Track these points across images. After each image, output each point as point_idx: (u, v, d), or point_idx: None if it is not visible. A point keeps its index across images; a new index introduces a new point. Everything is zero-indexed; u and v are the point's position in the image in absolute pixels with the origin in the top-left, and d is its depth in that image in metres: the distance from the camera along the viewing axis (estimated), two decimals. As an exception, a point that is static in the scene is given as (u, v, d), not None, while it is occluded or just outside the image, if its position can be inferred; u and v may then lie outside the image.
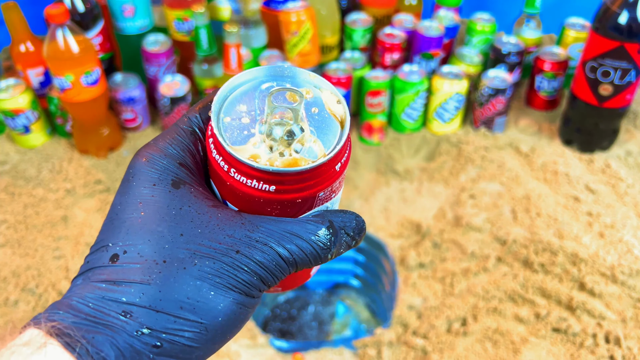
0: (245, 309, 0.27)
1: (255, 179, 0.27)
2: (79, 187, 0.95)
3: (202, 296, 0.25)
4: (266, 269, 0.26)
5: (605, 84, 0.92)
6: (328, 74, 1.00)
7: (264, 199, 0.27)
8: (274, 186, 0.27)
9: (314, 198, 0.28)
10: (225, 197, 0.29)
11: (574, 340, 0.74)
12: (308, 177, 0.27)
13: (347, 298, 1.12)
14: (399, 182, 1.06)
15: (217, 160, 0.28)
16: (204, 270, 0.26)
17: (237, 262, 0.26)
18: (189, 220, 0.27)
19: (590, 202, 0.93)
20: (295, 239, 0.27)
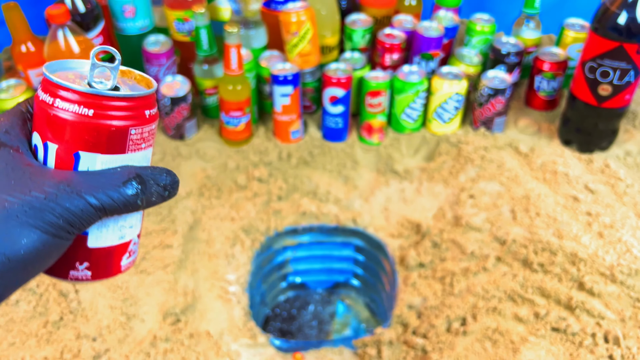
0: (50, 247, 0.31)
1: (76, 103, 0.32)
2: (79, 187, 0.95)
3: (7, 231, 0.29)
4: (73, 214, 0.31)
5: (604, 84, 0.92)
6: (328, 74, 1.01)
7: (83, 126, 0.32)
8: (92, 110, 0.32)
9: (126, 134, 0.34)
10: (48, 136, 0.33)
11: (573, 339, 0.75)
12: (121, 106, 0.33)
13: (347, 298, 1.12)
14: (399, 182, 1.06)
15: (42, 98, 0.33)
16: (12, 210, 0.30)
17: (45, 206, 0.30)
18: (4, 174, 0.31)
19: (590, 202, 0.93)
20: (103, 186, 0.32)
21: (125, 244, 0.37)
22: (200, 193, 0.99)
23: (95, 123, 0.32)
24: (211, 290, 0.86)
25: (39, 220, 0.30)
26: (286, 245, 1.03)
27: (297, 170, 1.05)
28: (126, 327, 0.77)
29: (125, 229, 0.36)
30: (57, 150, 0.33)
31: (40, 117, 0.34)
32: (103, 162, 0.34)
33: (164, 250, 0.88)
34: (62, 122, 0.32)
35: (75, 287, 0.80)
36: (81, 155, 0.33)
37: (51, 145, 0.33)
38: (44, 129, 0.33)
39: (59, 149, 0.33)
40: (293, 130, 1.07)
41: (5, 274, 0.30)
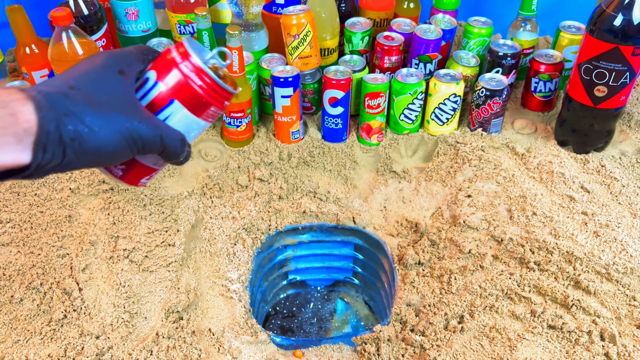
0: (121, 153, 0.44)
1: (198, 76, 0.48)
2: (83, 187, 0.96)
3: (109, 132, 0.42)
4: (149, 141, 0.45)
5: (600, 86, 0.93)
6: (328, 76, 1.02)
7: (192, 89, 0.48)
8: (205, 85, 0.47)
9: (209, 107, 0.49)
10: (162, 79, 0.48)
11: (569, 337, 0.76)
12: (219, 92, 0.49)
13: (347, 295, 1.13)
14: (398, 182, 1.07)
15: (173, 56, 0.48)
16: (117, 119, 0.43)
17: (137, 127, 0.44)
18: (121, 95, 0.45)
19: (586, 201, 0.95)
20: (171, 133, 0.47)
21: (154, 169, 0.53)
22: (202, 193, 1.01)
23: (200, 93, 0.48)
24: (213, 288, 0.87)
25: (129, 134, 0.44)
26: (287, 244, 1.04)
27: (298, 170, 1.07)
28: (129, 325, 0.78)
29: (160, 162, 0.52)
30: (161, 90, 0.48)
31: (165, 65, 0.48)
32: (183, 115, 0.48)
33: (167, 249, 0.89)
34: (180, 77, 0.47)
35: (79, 286, 0.81)
36: (174, 102, 0.48)
37: (160, 85, 0.48)
38: (163, 73, 0.48)
39: (164, 91, 0.48)
40: (293, 131, 1.08)
41: (89, 157, 0.42)
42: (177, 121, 0.48)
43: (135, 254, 0.87)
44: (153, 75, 0.48)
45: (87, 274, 0.83)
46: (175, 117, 0.48)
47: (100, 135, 0.42)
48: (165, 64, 0.48)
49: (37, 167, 0.39)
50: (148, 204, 0.95)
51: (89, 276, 0.83)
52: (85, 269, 0.84)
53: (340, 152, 1.09)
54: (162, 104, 0.48)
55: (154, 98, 0.48)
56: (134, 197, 0.96)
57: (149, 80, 0.48)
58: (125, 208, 0.94)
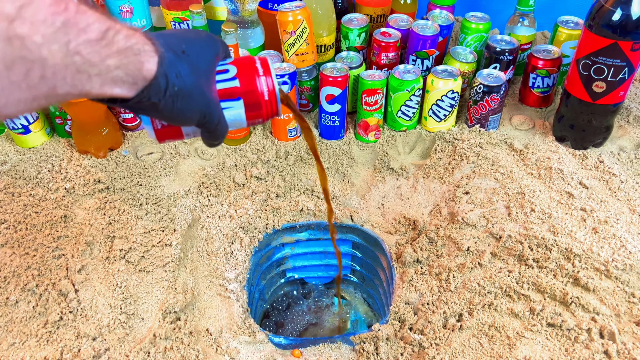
0: (194, 117, 0.51)
1: (268, 88, 0.56)
2: (78, 187, 0.95)
3: (193, 91, 0.50)
4: (212, 117, 0.52)
5: (598, 81, 0.93)
6: (324, 73, 1.01)
7: (259, 95, 0.55)
8: (269, 97, 0.56)
9: (258, 118, 0.57)
10: (240, 77, 0.55)
11: (568, 335, 0.75)
12: (275, 110, 0.57)
13: (345, 292, 1.13)
14: (395, 179, 1.07)
15: (258, 65, 0.56)
16: (201, 83, 0.51)
17: (210, 100, 0.52)
18: (211, 70, 0.53)
19: (584, 197, 0.94)
20: (224, 121, 0.55)
21: (182, 137, 0.58)
22: (199, 191, 1.00)
23: (262, 105, 0.55)
24: (210, 288, 0.87)
25: (205, 108, 0.51)
26: (284, 242, 1.03)
27: (295, 168, 1.06)
28: (126, 326, 0.77)
29: (192, 135, 0.58)
30: (236, 86, 0.54)
31: (247, 68, 0.55)
32: (239, 113, 0.55)
33: (163, 249, 0.88)
34: (255, 85, 0.55)
35: (75, 287, 0.81)
36: (240, 100, 0.55)
37: (237, 82, 0.55)
38: (243, 74, 0.55)
39: (238, 87, 0.54)
40: (290, 129, 1.07)
41: (173, 112, 0.49)
42: (231, 115, 0.55)
43: (131, 254, 0.86)
44: (233, 70, 0.55)
45: (83, 275, 0.82)
46: (232, 111, 0.55)
47: (190, 100, 0.49)
48: (248, 67, 0.55)
49: (135, 103, 0.46)
50: (144, 204, 0.94)
51: (85, 277, 0.82)
52: (81, 270, 0.83)
53: (337, 150, 1.09)
54: (230, 97, 0.55)
55: (227, 89, 0.54)
56: (130, 196, 0.95)
57: (228, 72, 0.55)
58: (121, 208, 0.93)
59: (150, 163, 1.02)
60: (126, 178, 0.98)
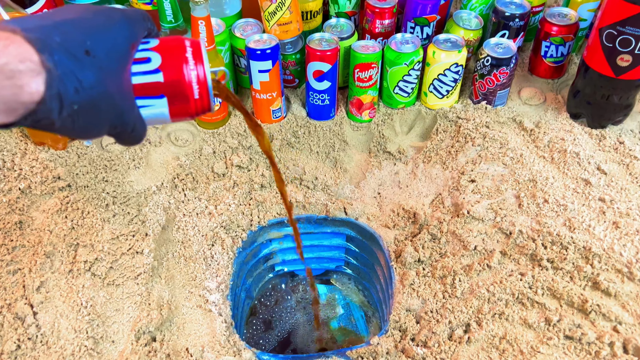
0: (99, 133, 0.41)
1: (199, 82, 0.44)
2: (35, 186, 0.84)
3: (98, 110, 0.39)
4: (124, 126, 0.42)
5: (624, 54, 0.81)
6: (311, 47, 0.89)
7: (183, 85, 0.44)
8: (199, 98, 0.45)
9: (185, 116, 0.46)
10: (163, 61, 0.44)
11: (588, 349, 0.68)
12: (207, 108, 0.46)
13: (337, 282, 1.05)
14: (392, 164, 0.96)
15: (188, 45, 0.45)
16: (112, 95, 0.40)
17: (122, 111, 0.42)
18: (126, 70, 0.42)
19: (603, 185, 0.85)
20: (141, 125, 0.44)
21: None
22: (173, 185, 0.89)
23: (192, 105, 0.45)
24: (189, 299, 0.78)
25: (116, 121, 0.41)
26: (271, 238, 0.94)
27: (281, 154, 0.95)
28: (94, 354, 0.69)
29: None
30: (159, 81, 0.43)
31: (174, 59, 0.44)
32: (161, 112, 0.45)
33: (134, 258, 0.79)
34: (184, 82, 0.44)
35: (33, 309, 0.71)
36: (163, 99, 0.44)
37: (160, 76, 0.43)
38: (169, 66, 0.43)
39: (161, 83, 0.43)
40: (274, 109, 0.95)
41: (71, 132, 0.39)
42: (151, 113, 0.45)
43: (98, 265, 0.76)
44: (157, 59, 0.44)
45: (42, 294, 0.73)
46: (152, 110, 0.45)
47: (96, 115, 0.39)
48: (174, 56, 0.44)
49: (20, 124, 0.36)
50: (111, 204, 0.84)
51: (45, 296, 0.72)
52: (41, 287, 0.73)
53: (328, 131, 0.97)
54: (151, 94, 0.44)
55: (147, 84, 0.43)
56: (95, 195, 0.85)
57: (150, 62, 0.44)
58: (85, 209, 0.82)
59: (116, 154, 0.91)
60: (90, 173, 0.87)
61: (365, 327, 0.99)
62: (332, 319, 1.01)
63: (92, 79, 0.37)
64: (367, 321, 1.00)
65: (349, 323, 0.99)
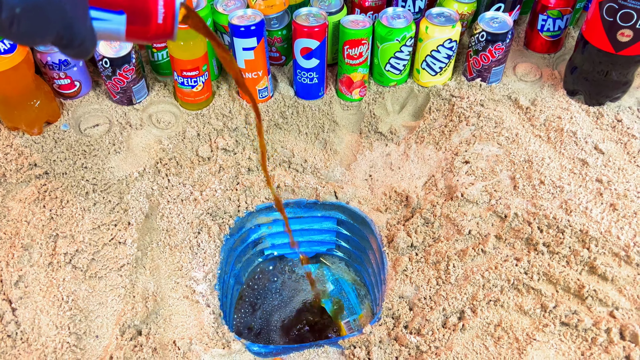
0: (44, 40, 0.38)
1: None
2: (10, 173, 0.80)
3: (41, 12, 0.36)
4: (72, 39, 0.39)
5: (625, 29, 0.78)
6: (299, 23, 0.84)
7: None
8: (163, 21, 0.42)
9: (143, 39, 0.43)
10: None
11: (585, 335, 0.67)
12: (169, 34, 0.43)
13: (327, 261, 1.02)
14: (384, 145, 0.93)
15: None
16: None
17: (72, 20, 0.38)
18: None
19: (600, 165, 0.83)
20: (91, 40, 0.41)
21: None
22: (156, 170, 0.86)
23: (153, 27, 0.42)
24: (175, 290, 0.75)
25: (63, 31, 0.38)
26: (260, 223, 0.91)
27: (268, 136, 0.92)
28: (76, 350, 0.66)
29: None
30: None
31: None
32: (117, 30, 0.42)
33: (117, 248, 0.75)
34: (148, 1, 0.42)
35: (12, 305, 0.68)
36: (122, 16, 0.41)
37: None
38: None
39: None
40: (260, 89, 0.91)
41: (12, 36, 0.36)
42: (105, 28, 0.41)
43: (79, 257, 0.73)
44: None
45: (21, 289, 0.70)
46: (107, 25, 0.41)
47: (41, 21, 0.36)
48: None
49: None
50: (91, 192, 0.80)
51: (24, 291, 0.70)
52: (19, 282, 0.70)
53: (317, 111, 0.94)
54: (109, 7, 0.40)
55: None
56: (74, 182, 0.81)
57: None
58: (64, 198, 0.79)
59: (96, 138, 0.87)
60: (68, 159, 0.83)
61: (356, 300, 0.97)
62: (323, 295, 0.99)
63: None
64: (358, 295, 0.98)
65: (341, 297, 0.98)
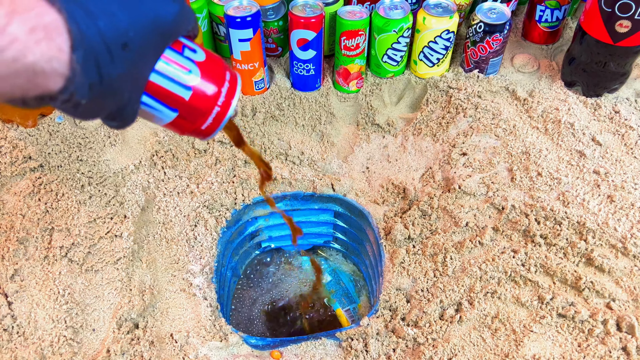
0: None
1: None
2: (4, 167, 0.80)
3: (126, 86, 0.36)
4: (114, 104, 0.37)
5: (623, 19, 0.77)
6: (295, 14, 0.83)
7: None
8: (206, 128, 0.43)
9: (178, 130, 0.44)
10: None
11: (582, 327, 0.67)
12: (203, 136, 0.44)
13: (325, 253, 1.02)
14: (381, 137, 0.93)
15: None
16: (138, 76, 0.37)
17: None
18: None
19: (597, 157, 0.82)
20: (136, 111, 0.40)
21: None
22: (151, 163, 0.85)
23: (199, 128, 0.43)
24: (172, 283, 0.75)
25: (112, 108, 0.37)
26: (257, 216, 0.91)
27: (265, 128, 0.91)
28: (73, 343, 0.66)
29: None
30: (183, 95, 0.40)
31: (210, 81, 0.41)
32: (161, 117, 0.41)
33: (113, 241, 0.75)
34: (209, 110, 0.42)
35: (7, 299, 0.68)
36: (177, 112, 0.41)
37: (184, 92, 0.40)
38: (202, 88, 0.41)
39: (182, 99, 0.40)
40: (256, 81, 0.91)
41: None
42: (151, 114, 0.41)
43: (75, 250, 0.73)
44: (195, 78, 0.40)
45: (17, 282, 0.69)
46: (154, 113, 0.41)
47: (93, 110, 0.36)
48: (210, 86, 0.41)
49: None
50: (86, 185, 0.79)
51: (20, 285, 0.69)
52: (15, 276, 0.70)
53: (314, 103, 0.93)
54: (167, 103, 0.40)
55: (171, 94, 0.40)
56: (69, 175, 0.80)
57: (190, 74, 0.40)
58: (60, 191, 0.78)
59: (91, 130, 0.86)
60: (63, 152, 0.82)
61: (354, 292, 0.97)
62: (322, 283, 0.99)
63: (115, 76, 0.34)
64: (355, 286, 0.98)
65: (339, 287, 0.98)
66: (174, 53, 0.39)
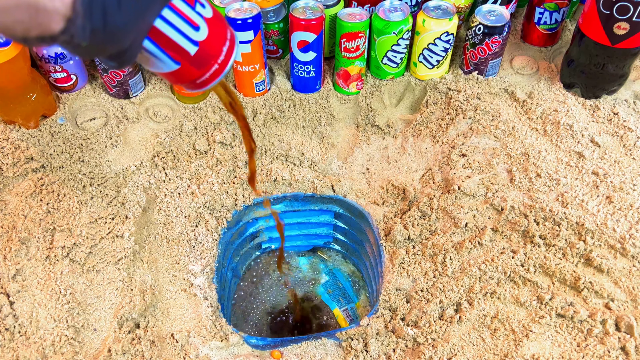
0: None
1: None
2: (7, 167, 0.80)
3: (129, 25, 0.36)
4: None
5: (621, 21, 0.78)
6: (295, 16, 0.84)
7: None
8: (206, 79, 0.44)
9: (181, 81, 0.45)
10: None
11: (581, 327, 0.67)
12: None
13: (325, 254, 1.03)
14: (381, 139, 0.93)
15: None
16: (142, 17, 0.37)
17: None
18: None
19: (596, 158, 0.83)
20: (136, 50, 0.40)
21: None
22: (153, 164, 0.86)
23: (197, 81, 0.45)
24: (173, 283, 0.75)
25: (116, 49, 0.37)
26: (257, 217, 0.91)
27: (266, 129, 0.92)
28: (75, 343, 0.66)
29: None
30: (188, 49, 0.42)
31: (215, 40, 0.43)
32: (162, 66, 0.42)
33: (114, 242, 0.75)
34: (209, 63, 0.44)
35: (9, 299, 0.68)
36: (179, 64, 0.42)
37: (190, 46, 0.42)
38: (207, 45, 0.43)
39: (187, 53, 0.42)
40: (257, 82, 0.91)
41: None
42: (151, 61, 0.41)
43: (76, 251, 0.73)
44: (202, 35, 0.41)
45: (18, 282, 0.70)
46: (156, 61, 0.41)
47: (94, 53, 0.37)
48: (215, 44, 0.43)
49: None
50: (88, 185, 0.80)
51: (22, 284, 0.70)
52: (16, 276, 0.70)
53: (314, 105, 0.94)
54: (170, 53, 0.41)
55: (177, 46, 0.41)
56: (71, 176, 0.81)
57: (198, 30, 0.41)
58: (61, 191, 0.79)
59: (92, 132, 0.86)
60: (65, 153, 0.83)
61: (352, 292, 0.97)
62: (318, 285, 0.99)
63: (120, 24, 0.34)
64: (353, 288, 0.98)
65: (337, 287, 0.98)
66: (186, 6, 0.40)
